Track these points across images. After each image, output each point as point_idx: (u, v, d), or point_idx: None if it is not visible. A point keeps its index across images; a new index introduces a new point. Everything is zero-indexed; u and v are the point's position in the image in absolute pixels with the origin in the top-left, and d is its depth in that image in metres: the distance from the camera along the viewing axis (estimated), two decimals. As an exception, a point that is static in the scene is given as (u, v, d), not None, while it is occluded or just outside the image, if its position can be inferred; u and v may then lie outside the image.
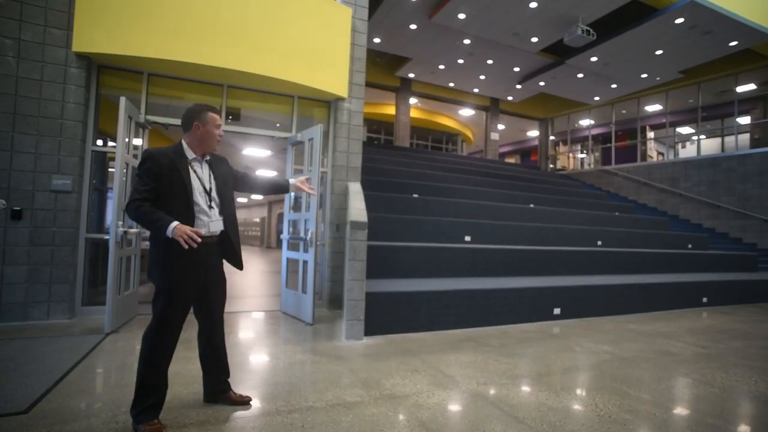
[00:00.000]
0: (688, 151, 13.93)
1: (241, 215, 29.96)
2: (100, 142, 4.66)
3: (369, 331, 4.01)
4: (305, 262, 4.71)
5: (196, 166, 2.27)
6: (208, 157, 2.33)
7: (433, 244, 5.71)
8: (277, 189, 2.74)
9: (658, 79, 12.51)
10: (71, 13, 4.18)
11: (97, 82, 4.52)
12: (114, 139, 4.48)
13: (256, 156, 10.01)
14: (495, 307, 4.66)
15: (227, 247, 2.39)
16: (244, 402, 2.41)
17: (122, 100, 3.89)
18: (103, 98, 4.64)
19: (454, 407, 2.50)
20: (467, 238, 6.50)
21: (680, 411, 2.58)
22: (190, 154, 2.24)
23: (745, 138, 12.13)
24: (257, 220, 25.99)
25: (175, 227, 2.02)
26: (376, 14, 9.85)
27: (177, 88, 4.90)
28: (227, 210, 2.36)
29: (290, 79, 4.86)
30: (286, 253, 5.20)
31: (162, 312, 2.09)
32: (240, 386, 2.67)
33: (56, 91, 4.20)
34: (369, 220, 4.41)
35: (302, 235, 4.86)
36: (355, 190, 4.94)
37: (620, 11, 9.24)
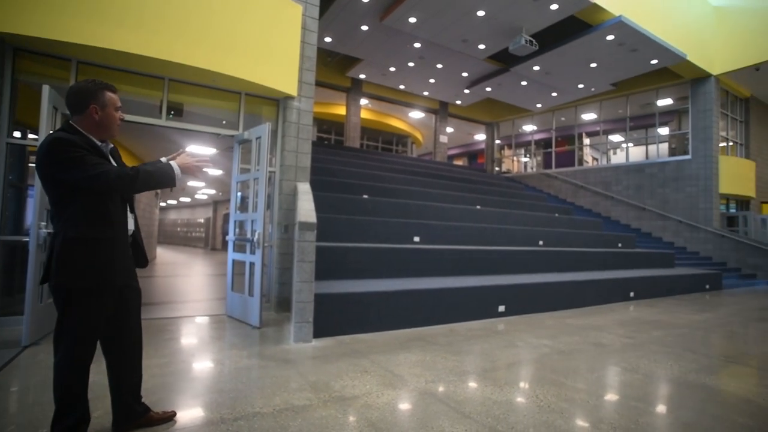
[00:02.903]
0: (618, 158, 15.07)
1: (183, 216, 28.54)
2: (18, 134, 4.23)
3: (318, 333, 3.96)
4: (252, 264, 4.56)
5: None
6: (111, 146, 2.05)
7: (383, 245, 5.75)
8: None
9: (593, 89, 13.43)
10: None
11: (13, 67, 4.09)
12: (36, 132, 4.09)
13: (201, 154, 9.57)
14: (443, 306, 4.77)
15: (136, 248, 2.14)
16: (168, 419, 2.19)
17: (45, 88, 3.55)
18: (23, 86, 4.22)
19: (404, 406, 2.52)
20: (416, 239, 6.61)
21: (609, 397, 2.77)
22: (94, 141, 1.92)
23: (664, 147, 13.33)
24: (201, 220, 24.84)
25: (178, 165, 1.89)
26: (328, 13, 9.77)
27: (111, 79, 4.48)
28: (132, 207, 2.11)
29: (237, 75, 4.68)
30: (231, 254, 5.01)
31: (79, 322, 1.82)
32: (181, 396, 2.53)
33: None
34: (318, 220, 4.35)
35: (249, 236, 4.70)
36: (304, 190, 4.86)
37: (560, 25, 9.82)
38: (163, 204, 25.55)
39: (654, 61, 11.18)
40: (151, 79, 4.69)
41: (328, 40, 11.07)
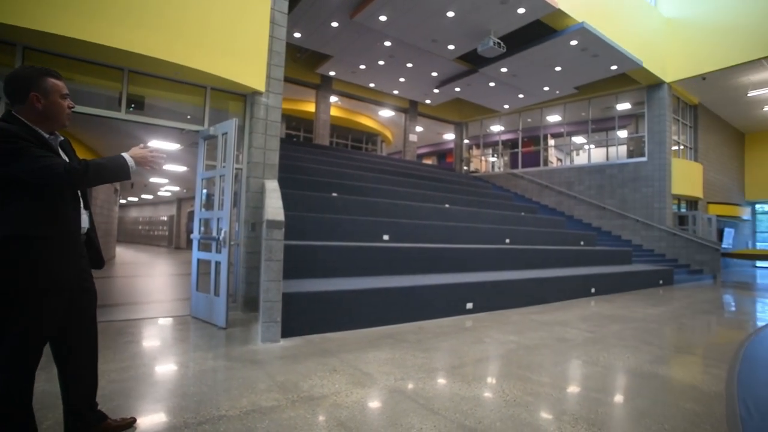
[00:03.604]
0: (581, 159, 15.65)
1: (146, 213, 27.44)
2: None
3: (286, 333, 3.90)
4: (218, 263, 4.44)
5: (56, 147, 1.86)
6: (61, 138, 1.92)
7: (352, 243, 5.73)
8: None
9: (557, 92, 13.89)
10: None
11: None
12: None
13: (164, 150, 9.21)
14: (412, 303, 4.80)
15: (90, 247, 2.03)
16: (127, 426, 2.09)
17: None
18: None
19: (373, 404, 2.52)
20: (385, 237, 6.63)
21: (572, 389, 2.88)
22: (39, 133, 1.77)
23: (623, 149, 13.98)
24: (164, 218, 23.95)
25: (132, 156, 1.78)
26: (297, 8, 9.62)
27: (63, 68, 4.30)
28: (86, 203, 1.99)
29: (202, 68, 4.53)
30: (196, 253, 4.86)
31: (20, 326, 1.67)
32: (142, 401, 2.44)
33: None
34: (286, 218, 4.29)
35: (215, 234, 4.58)
36: (272, 188, 4.77)
37: (527, 28, 10.09)
38: (123, 201, 24.48)
39: (613, 67, 11.70)
40: (109, 70, 4.47)
41: (297, 35, 10.91)
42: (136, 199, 24.70)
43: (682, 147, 14.10)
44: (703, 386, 2.97)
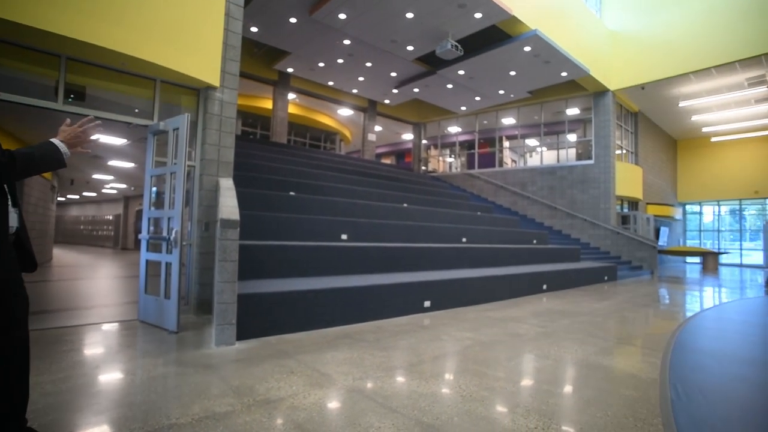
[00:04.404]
0: (534, 160, 16.32)
1: (88, 212, 25.75)
2: None
3: (242, 335, 3.79)
4: (168, 264, 4.24)
5: None
6: None
7: (310, 243, 5.66)
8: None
9: (512, 96, 14.39)
10: None
11: None
12: None
13: (109, 144, 8.67)
14: (370, 303, 4.81)
15: (21, 249, 1.87)
16: None
17: None
18: None
19: (331, 405, 2.50)
20: (344, 237, 6.60)
21: (525, 383, 2.99)
22: None
23: (573, 152, 14.73)
24: (110, 217, 22.58)
25: (62, 140, 1.65)
26: (255, 2, 9.34)
27: (-7, 54, 3.95)
28: (15, 200, 1.83)
29: (151, 59, 4.30)
30: (145, 254, 4.62)
31: None
32: (82, 414, 2.28)
33: None
34: (242, 218, 4.17)
35: (165, 234, 4.36)
36: (227, 186, 4.62)
37: (484, 33, 10.38)
38: (61, 199, 22.82)
39: (564, 74, 12.29)
40: (43, 55, 4.13)
41: (254, 30, 10.61)
42: (77, 196, 23.09)
43: (624, 151, 15.04)
44: (641, 374, 3.19)
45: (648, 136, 16.77)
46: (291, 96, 14.61)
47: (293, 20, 10.11)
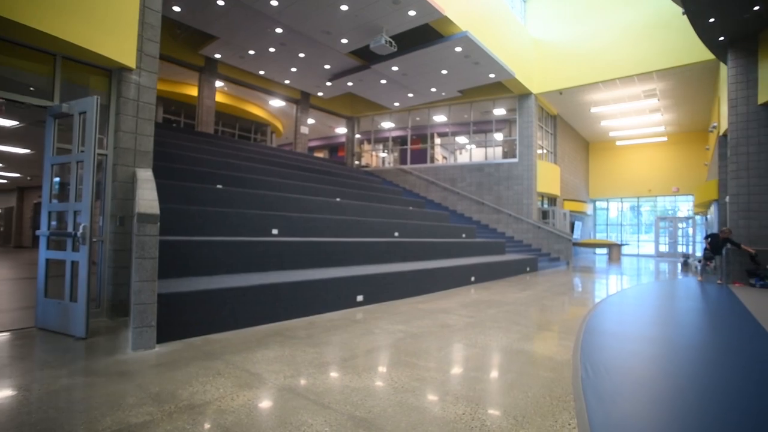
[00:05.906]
0: (464, 157, 17.01)
1: (-27, 205, 22.36)
2: None
3: (163, 338, 3.53)
4: (75, 264, 3.82)
5: None
6: None
7: (238, 238, 5.41)
8: None
9: (443, 94, 14.85)
10: None
11: None
12: None
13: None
14: (302, 298, 4.72)
15: None
16: None
17: None
18: None
19: (262, 405, 2.41)
20: (275, 231, 6.40)
21: (454, 371, 3.11)
22: None
23: (499, 150, 15.60)
24: (0, 211, 19.83)
25: None
26: (176, -21, 8.69)
27: None
28: None
29: (49, 30, 3.80)
30: (45, 253, 4.11)
31: None
32: (-38, 435, 1.98)
33: None
34: (163, 212, 3.87)
35: (71, 230, 3.92)
36: (145, 177, 4.25)
37: (418, 30, 10.57)
38: (-62, 189, 19.62)
39: (492, 75, 12.92)
40: None
41: (177, 9, 9.86)
42: (-41, 187, 19.97)
43: (545, 151, 16.20)
44: (557, 356, 3.46)
45: (565, 137, 18.25)
46: (219, 84, 13.83)
47: (221, 2, 9.54)
